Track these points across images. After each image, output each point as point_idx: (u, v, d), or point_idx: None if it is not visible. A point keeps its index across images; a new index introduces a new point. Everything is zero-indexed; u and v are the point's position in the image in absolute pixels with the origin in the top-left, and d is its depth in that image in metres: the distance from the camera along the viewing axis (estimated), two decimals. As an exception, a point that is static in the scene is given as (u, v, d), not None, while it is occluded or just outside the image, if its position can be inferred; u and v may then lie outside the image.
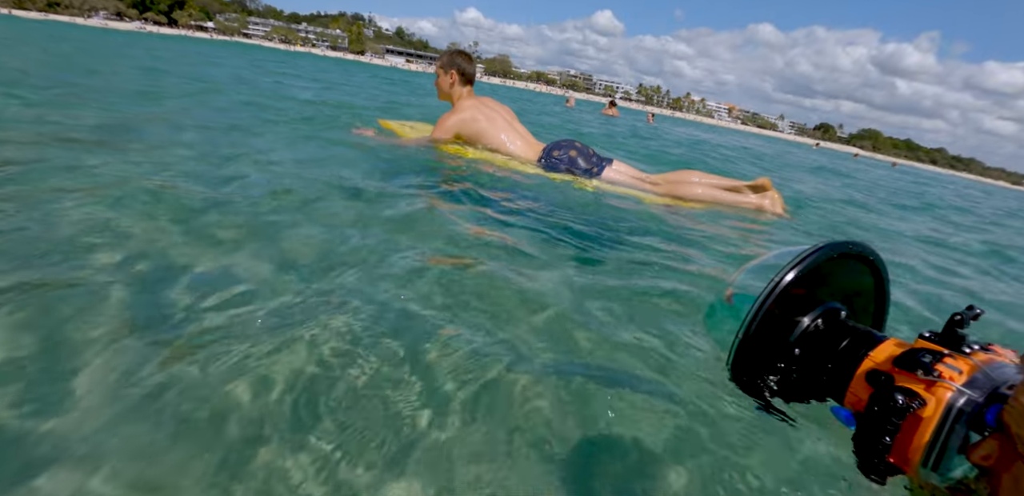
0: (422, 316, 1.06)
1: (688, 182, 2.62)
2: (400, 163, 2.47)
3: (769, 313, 0.56)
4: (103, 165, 1.79)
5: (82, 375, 0.79)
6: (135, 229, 1.29)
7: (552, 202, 2.15)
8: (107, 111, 2.88)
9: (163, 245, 1.24)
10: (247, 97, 4.38)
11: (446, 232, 1.58)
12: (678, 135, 10.72)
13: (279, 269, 1.19)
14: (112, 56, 7.55)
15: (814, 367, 0.57)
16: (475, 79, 2.91)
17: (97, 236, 1.22)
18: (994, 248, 3.34)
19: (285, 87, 5.98)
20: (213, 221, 1.41)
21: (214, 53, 13.72)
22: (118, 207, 1.41)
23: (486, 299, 1.18)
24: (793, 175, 6.28)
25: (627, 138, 7.11)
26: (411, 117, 4.10)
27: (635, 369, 0.98)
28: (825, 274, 0.58)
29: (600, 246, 1.71)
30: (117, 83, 4.25)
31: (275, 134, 2.83)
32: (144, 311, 0.96)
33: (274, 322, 0.96)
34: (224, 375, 0.81)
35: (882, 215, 4.01)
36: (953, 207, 6.46)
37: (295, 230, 1.44)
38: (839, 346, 0.55)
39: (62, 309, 0.92)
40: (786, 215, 2.65)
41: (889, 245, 2.72)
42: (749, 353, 0.58)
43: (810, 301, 0.58)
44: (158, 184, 1.62)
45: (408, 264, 1.29)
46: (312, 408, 0.77)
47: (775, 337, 0.58)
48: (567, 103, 15.09)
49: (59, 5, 68.79)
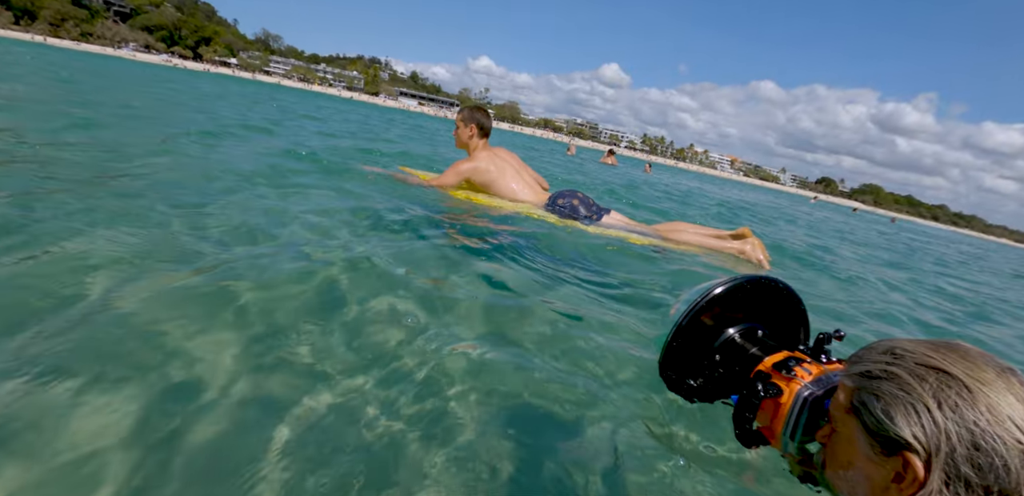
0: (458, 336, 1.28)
1: (678, 230, 2.91)
2: (409, 202, 2.71)
3: (700, 321, 0.73)
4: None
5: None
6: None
7: (551, 241, 2.40)
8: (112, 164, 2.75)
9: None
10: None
11: (446, 261, 1.82)
12: (672, 187, 10.65)
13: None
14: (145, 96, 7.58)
15: (727, 368, 0.75)
16: (491, 132, 3.18)
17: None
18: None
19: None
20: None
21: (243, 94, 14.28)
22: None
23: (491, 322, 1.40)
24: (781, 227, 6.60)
25: (619, 187, 6.92)
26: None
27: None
28: (750, 301, 0.75)
29: (583, 278, 1.96)
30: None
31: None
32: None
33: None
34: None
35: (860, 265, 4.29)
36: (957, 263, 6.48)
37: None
38: (747, 353, 0.72)
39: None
40: (765, 263, 2.80)
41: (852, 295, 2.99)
42: (681, 347, 0.74)
43: (737, 320, 0.76)
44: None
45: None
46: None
47: (703, 340, 0.75)
48: (568, 151, 15.00)
49: (91, 35, 72.11)
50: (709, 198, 9.33)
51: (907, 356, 0.49)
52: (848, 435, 0.51)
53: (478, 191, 3.02)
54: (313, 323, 1.23)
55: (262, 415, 0.92)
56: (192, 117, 4.95)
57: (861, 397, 0.50)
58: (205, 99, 8.28)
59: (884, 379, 0.48)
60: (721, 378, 0.75)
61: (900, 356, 0.49)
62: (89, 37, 72.07)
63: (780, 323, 0.77)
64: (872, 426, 0.48)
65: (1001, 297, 4.47)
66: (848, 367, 0.54)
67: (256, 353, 1.08)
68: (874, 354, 0.52)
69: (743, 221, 6.03)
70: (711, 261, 2.63)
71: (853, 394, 0.51)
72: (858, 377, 0.51)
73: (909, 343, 0.51)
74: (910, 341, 0.51)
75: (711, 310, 0.71)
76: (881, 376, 0.49)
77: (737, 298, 0.72)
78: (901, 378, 0.47)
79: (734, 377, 0.72)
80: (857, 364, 0.53)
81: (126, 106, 4.95)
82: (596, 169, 10.32)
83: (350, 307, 1.33)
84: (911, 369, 0.47)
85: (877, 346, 0.53)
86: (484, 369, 1.14)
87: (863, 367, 0.51)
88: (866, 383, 0.50)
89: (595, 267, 2.14)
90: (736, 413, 0.64)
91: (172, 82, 11.94)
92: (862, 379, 0.51)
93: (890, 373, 0.48)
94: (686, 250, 2.76)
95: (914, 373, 0.47)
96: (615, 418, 1.06)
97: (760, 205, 10.84)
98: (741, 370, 0.70)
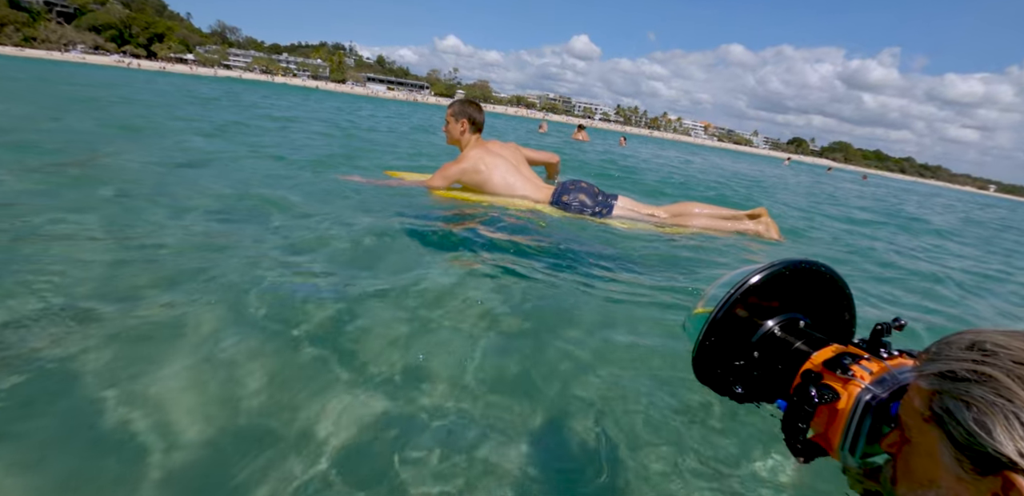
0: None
1: (691, 213, 2.81)
2: (395, 208, 2.55)
3: (735, 314, 0.64)
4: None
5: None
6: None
7: (568, 239, 2.30)
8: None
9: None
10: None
11: (453, 266, 1.76)
12: (650, 161, 10.45)
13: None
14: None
15: (769, 367, 0.65)
16: (483, 126, 3.01)
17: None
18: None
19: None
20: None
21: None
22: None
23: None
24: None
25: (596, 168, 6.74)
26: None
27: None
28: (789, 288, 0.66)
29: (596, 274, 1.89)
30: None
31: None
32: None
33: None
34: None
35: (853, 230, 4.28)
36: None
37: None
38: (790, 349, 0.63)
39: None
40: (782, 239, 2.88)
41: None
42: (716, 343, 0.64)
43: (774, 311, 0.66)
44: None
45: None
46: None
47: (739, 336, 0.66)
48: (540, 128, 15.32)
49: (35, 40, 68.82)
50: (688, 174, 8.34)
51: (1001, 353, 0.41)
52: (927, 448, 0.44)
53: (472, 191, 2.88)
54: (325, 342, 1.21)
55: (277, 414, 0.96)
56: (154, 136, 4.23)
57: (945, 403, 0.43)
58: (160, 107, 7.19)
59: (974, 382, 0.41)
60: (762, 378, 0.66)
61: (992, 353, 0.42)
62: (33, 42, 68.75)
63: (824, 312, 0.69)
64: (961, 439, 0.41)
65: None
66: (923, 365, 0.47)
67: (268, 365, 1.09)
68: (955, 350, 0.44)
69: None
70: (728, 246, 2.57)
71: (933, 399, 0.44)
72: (938, 378, 0.44)
73: (1000, 336, 0.43)
74: (999, 333, 0.44)
75: (746, 301, 0.63)
76: (970, 378, 0.42)
77: (775, 286, 0.64)
78: (997, 381, 0.40)
79: (777, 377, 0.63)
80: (935, 362, 0.45)
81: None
82: (569, 148, 9.84)
83: (348, 320, 1.32)
84: (1009, 369, 0.40)
85: (957, 340, 0.45)
86: (501, 377, 1.14)
87: (944, 366, 0.44)
88: (950, 386, 0.43)
89: (606, 261, 2.06)
90: (786, 423, 0.56)
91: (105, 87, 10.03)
92: (944, 381, 0.43)
93: (982, 374, 0.41)
94: (701, 234, 2.72)
95: (1013, 374, 0.40)
96: (640, 417, 1.05)
97: (741, 176, 10.26)
98: (785, 368, 0.61)
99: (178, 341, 1.15)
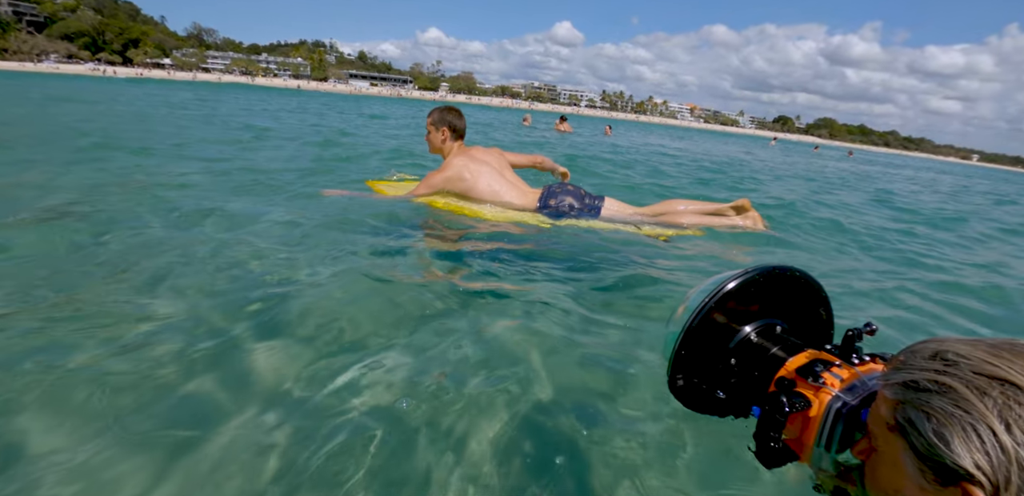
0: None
1: (676, 211, 2.85)
2: (381, 222, 2.53)
3: (711, 319, 0.64)
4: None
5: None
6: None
7: (547, 246, 2.37)
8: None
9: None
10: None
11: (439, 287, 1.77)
12: (635, 152, 9.80)
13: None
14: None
15: (745, 374, 0.65)
16: (465, 132, 2.98)
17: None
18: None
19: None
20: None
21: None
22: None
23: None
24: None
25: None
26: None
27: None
28: (764, 294, 0.66)
29: (581, 283, 1.95)
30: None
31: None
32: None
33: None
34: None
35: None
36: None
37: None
38: (766, 355, 0.63)
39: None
40: (769, 230, 2.93)
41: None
42: (690, 353, 0.64)
43: (751, 316, 0.67)
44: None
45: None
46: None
47: (716, 341, 0.65)
48: (524, 121, 15.38)
49: (7, 51, 67.44)
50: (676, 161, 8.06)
51: (962, 363, 0.41)
52: (892, 457, 0.44)
53: (457, 198, 2.86)
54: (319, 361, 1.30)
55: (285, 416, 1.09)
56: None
57: (907, 413, 0.42)
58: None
59: (935, 392, 0.40)
60: (739, 386, 0.66)
61: (953, 363, 0.41)
62: (5, 53, 67.38)
63: (800, 316, 0.69)
64: (923, 449, 0.40)
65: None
66: (888, 374, 0.46)
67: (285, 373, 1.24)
68: (919, 359, 0.43)
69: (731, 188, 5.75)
70: (716, 247, 2.62)
71: (897, 409, 0.43)
72: (901, 388, 0.43)
73: (962, 345, 0.42)
74: (963, 342, 0.43)
75: (722, 308, 0.63)
76: (931, 388, 0.41)
77: (750, 292, 0.64)
78: (957, 392, 0.39)
79: (754, 384, 0.63)
80: (899, 371, 0.44)
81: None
82: (555, 142, 9.47)
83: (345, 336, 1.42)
84: (968, 380, 0.39)
85: (922, 349, 0.44)
86: (485, 394, 1.19)
87: (907, 375, 0.43)
88: (912, 396, 0.42)
89: (593, 269, 2.11)
90: (759, 431, 0.57)
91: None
92: (907, 391, 0.42)
93: (942, 385, 0.40)
94: (688, 233, 2.76)
95: (972, 385, 0.39)
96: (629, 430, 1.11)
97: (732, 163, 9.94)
98: (761, 375, 0.62)
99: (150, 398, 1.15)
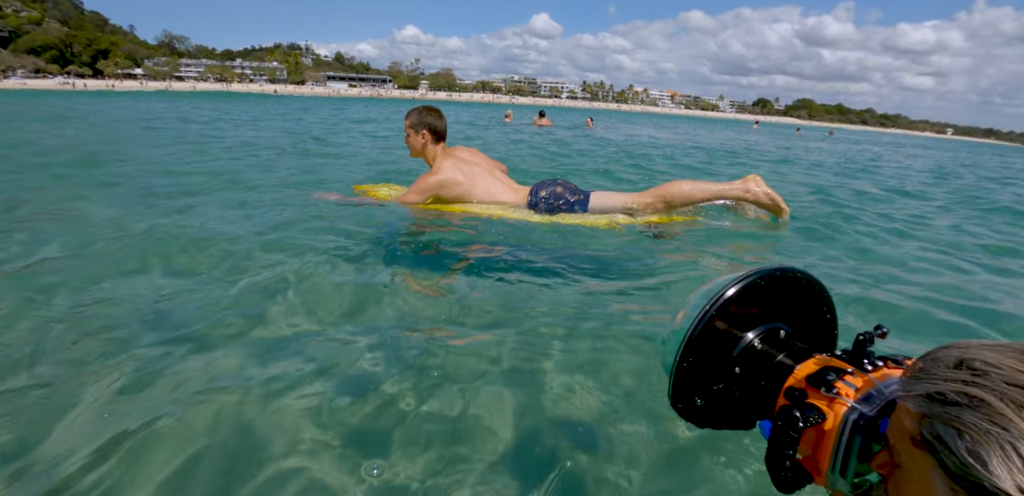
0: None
1: (676, 194, 2.71)
2: (375, 226, 2.49)
3: (715, 323, 0.60)
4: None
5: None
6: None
7: (545, 244, 2.37)
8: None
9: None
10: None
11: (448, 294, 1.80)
12: (616, 146, 9.56)
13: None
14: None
15: (750, 385, 0.60)
16: (446, 133, 2.84)
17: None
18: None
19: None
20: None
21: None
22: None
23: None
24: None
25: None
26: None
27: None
28: (766, 297, 0.62)
29: (585, 281, 1.97)
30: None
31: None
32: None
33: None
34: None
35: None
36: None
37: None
38: (772, 363, 0.58)
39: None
40: (781, 203, 2.79)
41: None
42: (692, 362, 0.60)
43: (753, 321, 0.62)
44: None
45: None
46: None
47: (718, 349, 0.61)
48: (505, 117, 15.46)
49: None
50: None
51: (992, 373, 0.36)
52: (920, 474, 0.39)
53: (449, 201, 2.73)
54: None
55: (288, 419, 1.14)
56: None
57: (935, 429, 0.37)
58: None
59: (966, 406, 0.36)
60: (744, 398, 0.61)
61: (982, 372, 0.37)
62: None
63: (804, 320, 0.66)
64: (955, 468, 0.36)
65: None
66: (908, 383, 0.41)
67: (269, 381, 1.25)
68: (943, 368, 0.39)
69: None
70: (714, 236, 2.54)
71: (923, 423, 0.38)
72: (927, 401, 0.39)
73: (989, 352, 0.38)
74: (988, 348, 0.39)
75: (723, 314, 0.60)
76: (960, 402, 0.37)
77: (751, 297, 0.61)
78: (991, 406, 0.35)
79: (761, 394, 0.58)
80: (922, 381, 0.40)
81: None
82: (539, 139, 9.31)
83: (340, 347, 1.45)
84: (1002, 393, 0.35)
85: (944, 356, 0.40)
86: (480, 399, 1.22)
87: (931, 386, 0.39)
88: (940, 410, 0.37)
89: (587, 264, 2.12)
90: (771, 450, 0.51)
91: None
92: (933, 404, 0.38)
93: (973, 398, 0.36)
94: (681, 219, 2.71)
95: (1007, 398, 0.35)
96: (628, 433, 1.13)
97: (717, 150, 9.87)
98: (768, 384, 0.57)
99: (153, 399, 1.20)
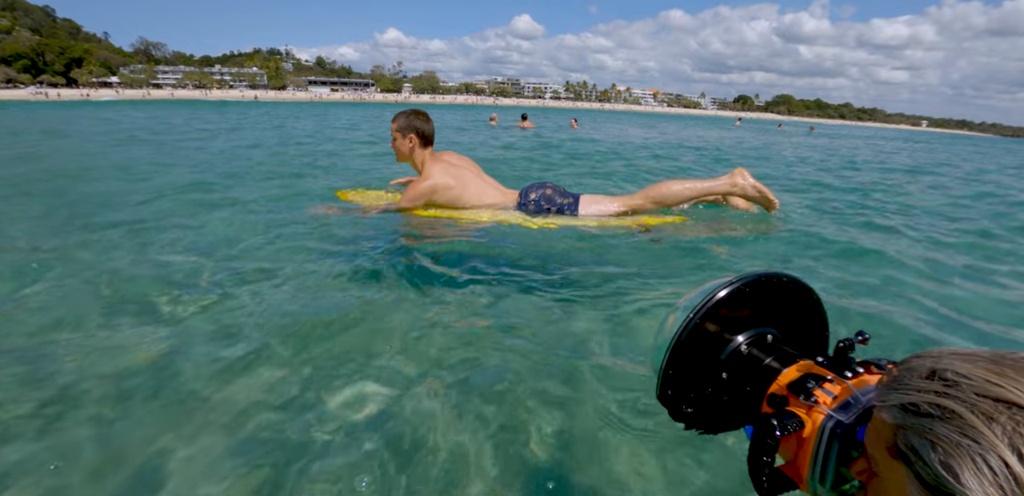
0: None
1: (665, 194, 2.74)
2: (379, 237, 2.45)
3: (702, 328, 0.60)
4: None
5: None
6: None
7: (535, 248, 2.37)
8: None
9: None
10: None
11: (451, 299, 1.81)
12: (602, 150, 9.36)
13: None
14: None
15: (737, 390, 0.61)
16: (434, 137, 2.80)
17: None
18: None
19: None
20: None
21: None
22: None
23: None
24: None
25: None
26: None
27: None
28: (754, 302, 0.62)
29: (574, 285, 1.97)
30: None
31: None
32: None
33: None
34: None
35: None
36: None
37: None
38: (758, 368, 0.59)
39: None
40: (769, 194, 2.82)
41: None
42: (680, 368, 0.60)
43: (742, 325, 0.62)
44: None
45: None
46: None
47: (706, 354, 0.61)
48: (491, 121, 15.46)
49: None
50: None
51: (963, 384, 0.37)
52: (896, 484, 0.40)
53: (441, 206, 2.72)
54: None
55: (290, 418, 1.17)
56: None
57: (909, 440, 0.37)
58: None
59: (938, 418, 0.36)
60: (731, 403, 0.62)
61: (953, 383, 0.37)
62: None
63: (794, 324, 0.66)
64: (930, 480, 0.36)
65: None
66: (883, 393, 0.41)
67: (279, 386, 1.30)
68: (915, 378, 0.39)
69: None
70: (703, 237, 2.58)
71: (897, 434, 0.39)
72: (900, 411, 0.39)
73: (960, 361, 0.38)
74: (959, 357, 0.39)
75: (710, 320, 0.60)
76: (933, 413, 0.37)
77: (739, 302, 0.61)
78: (962, 418, 0.35)
79: (746, 399, 0.59)
80: (895, 391, 0.40)
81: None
82: (525, 143, 9.20)
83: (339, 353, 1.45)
84: (973, 404, 0.35)
85: (918, 365, 0.40)
86: (467, 405, 1.24)
87: (904, 397, 0.39)
88: (913, 422, 0.37)
89: (574, 267, 2.14)
90: (752, 456, 0.52)
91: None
92: (907, 415, 0.38)
93: (945, 410, 0.36)
94: (670, 220, 2.77)
95: (977, 409, 0.35)
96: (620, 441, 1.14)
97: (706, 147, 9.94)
98: (753, 389, 0.58)
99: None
